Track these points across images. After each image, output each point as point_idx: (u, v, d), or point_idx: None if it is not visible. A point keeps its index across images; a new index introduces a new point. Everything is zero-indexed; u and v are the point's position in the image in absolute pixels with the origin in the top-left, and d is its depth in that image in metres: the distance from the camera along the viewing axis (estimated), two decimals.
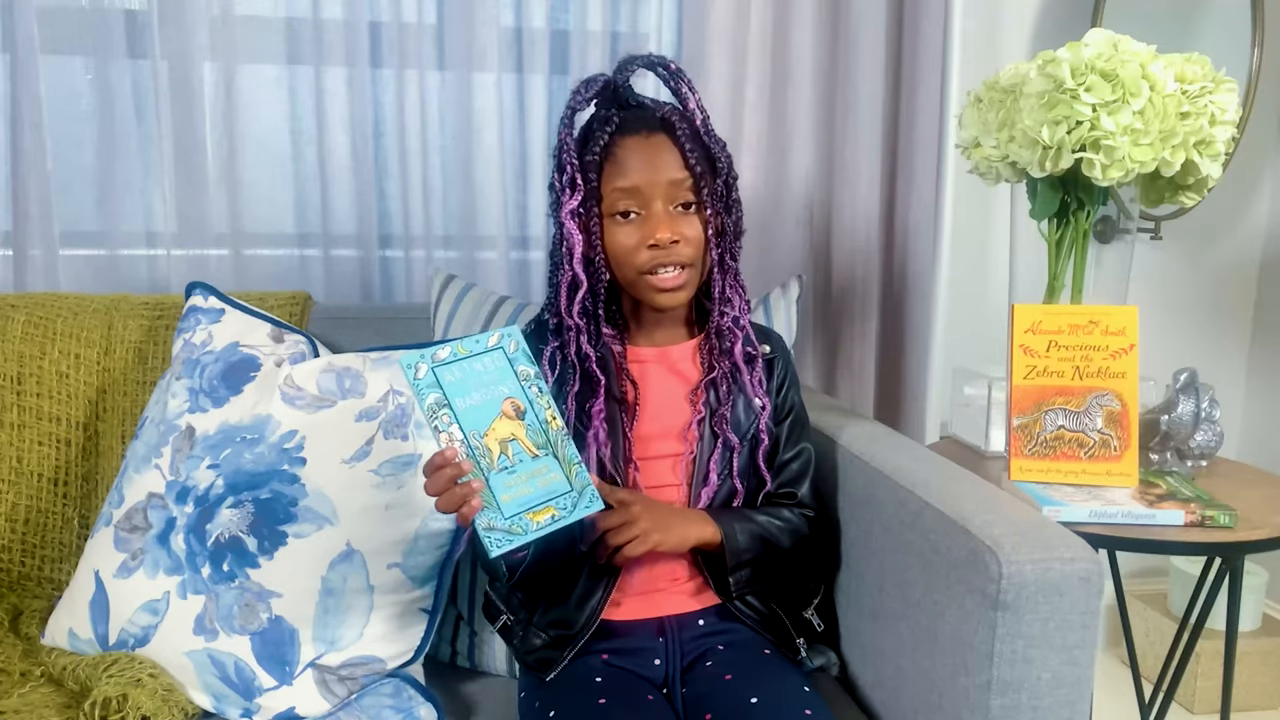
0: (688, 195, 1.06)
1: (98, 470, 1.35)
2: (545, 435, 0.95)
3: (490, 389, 0.93)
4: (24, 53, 1.49)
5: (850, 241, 1.75)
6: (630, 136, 1.05)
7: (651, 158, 1.05)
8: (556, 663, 1.06)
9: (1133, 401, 1.23)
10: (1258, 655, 1.93)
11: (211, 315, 1.29)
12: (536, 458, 0.93)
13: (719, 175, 1.08)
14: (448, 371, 0.91)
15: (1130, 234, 1.38)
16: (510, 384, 0.94)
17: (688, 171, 1.05)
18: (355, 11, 1.58)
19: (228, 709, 1.06)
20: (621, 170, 1.05)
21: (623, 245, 1.06)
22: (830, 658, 1.17)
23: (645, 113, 1.08)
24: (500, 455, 0.91)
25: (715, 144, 1.08)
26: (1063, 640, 0.87)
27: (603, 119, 1.06)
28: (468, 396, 0.91)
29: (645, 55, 1.09)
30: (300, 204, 1.65)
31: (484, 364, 0.93)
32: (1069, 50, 1.16)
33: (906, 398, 1.80)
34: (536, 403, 0.95)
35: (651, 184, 1.04)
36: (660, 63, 1.09)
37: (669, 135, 1.05)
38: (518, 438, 0.93)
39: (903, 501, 1.03)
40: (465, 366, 0.92)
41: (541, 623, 1.09)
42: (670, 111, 1.07)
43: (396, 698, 1.08)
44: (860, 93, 1.70)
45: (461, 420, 0.90)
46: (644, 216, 1.05)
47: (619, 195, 1.05)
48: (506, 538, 0.90)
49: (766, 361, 1.16)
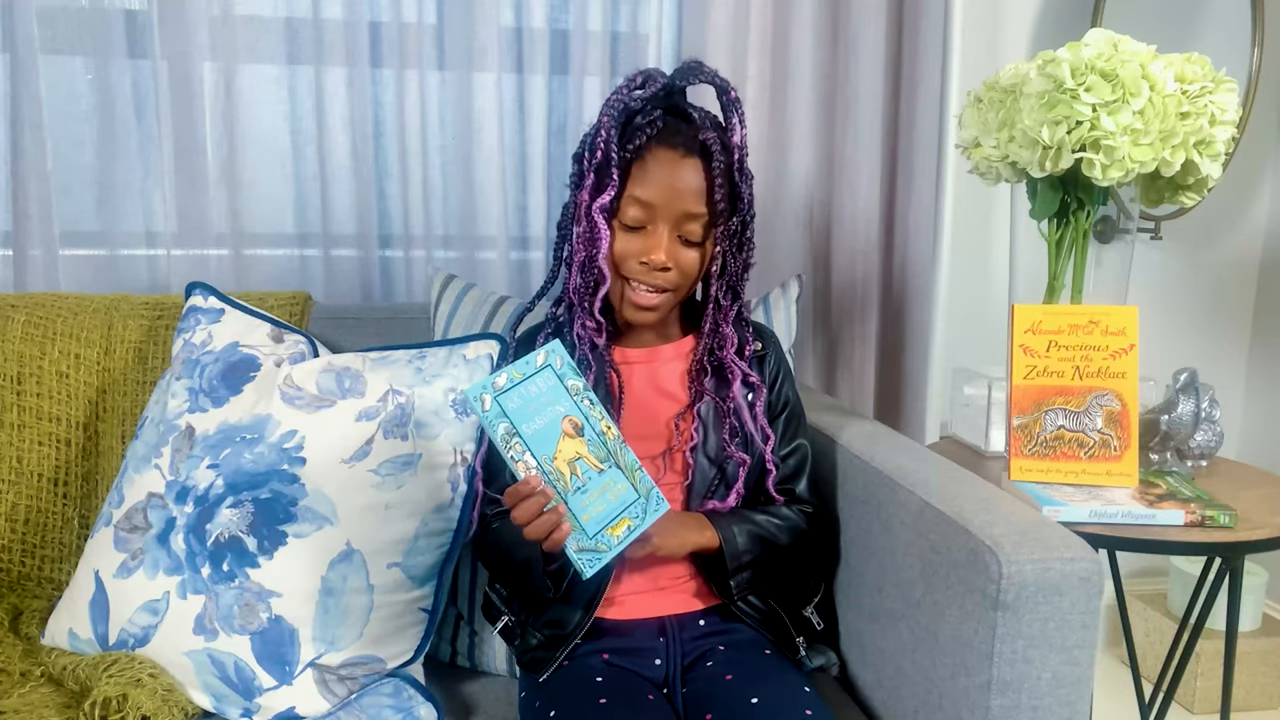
0: (697, 230, 1.05)
1: (98, 470, 1.35)
2: (605, 447, 0.95)
3: (548, 410, 0.93)
4: (24, 53, 1.49)
5: (850, 241, 1.75)
6: (665, 149, 1.03)
7: (677, 180, 1.02)
8: (549, 663, 1.06)
9: (1133, 401, 1.23)
10: (1258, 655, 1.93)
11: (211, 315, 1.29)
12: (602, 471, 0.94)
13: (738, 214, 1.06)
14: (509, 399, 0.91)
15: (1130, 234, 1.38)
16: (565, 401, 0.94)
17: (706, 208, 1.03)
18: (355, 11, 1.58)
19: (228, 709, 1.06)
20: (645, 179, 1.03)
21: (619, 250, 1.06)
22: (830, 658, 1.17)
23: (688, 129, 1.04)
24: (571, 476, 0.92)
25: (745, 183, 1.06)
26: (1063, 640, 0.87)
27: (647, 119, 1.03)
28: (531, 421, 0.91)
29: (712, 72, 1.05)
30: (300, 204, 1.65)
31: (538, 385, 0.93)
32: (1069, 50, 1.16)
33: (906, 398, 1.80)
34: (591, 416, 0.96)
35: (668, 205, 1.03)
36: (723, 86, 1.06)
37: (704, 163, 1.03)
38: (582, 455, 0.94)
39: (903, 501, 1.03)
40: (522, 391, 0.92)
41: (538, 623, 1.09)
42: (714, 140, 1.03)
43: (396, 697, 1.08)
44: (860, 93, 1.70)
45: (531, 446, 0.91)
46: (648, 231, 1.04)
47: (633, 202, 1.03)
48: (595, 557, 0.92)
49: (758, 357, 1.15)
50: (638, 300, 1.06)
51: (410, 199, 1.65)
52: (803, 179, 1.73)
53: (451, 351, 1.21)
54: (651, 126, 1.03)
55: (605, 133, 1.02)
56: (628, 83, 1.05)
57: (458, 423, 1.16)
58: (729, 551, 1.05)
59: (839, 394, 1.81)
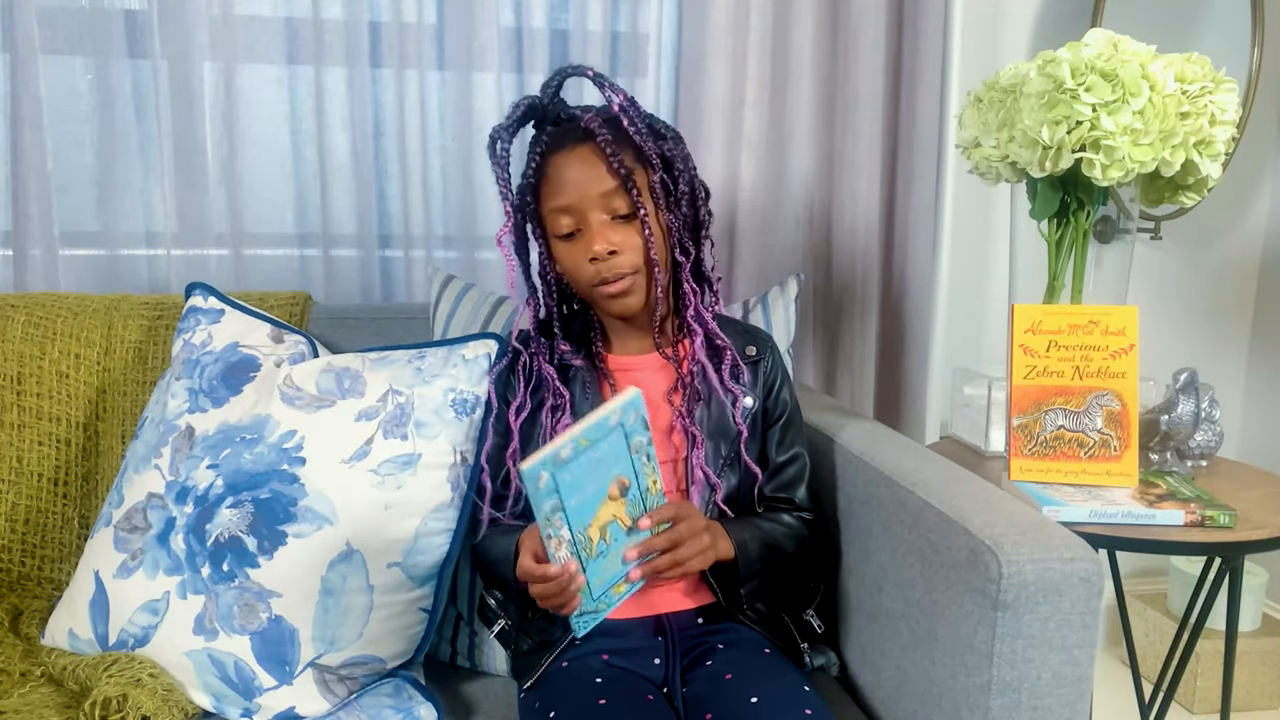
0: (622, 202, 1.05)
1: (98, 470, 1.35)
2: (642, 505, 0.92)
3: (602, 474, 0.87)
4: (24, 53, 1.49)
5: (850, 241, 1.75)
6: (558, 153, 1.05)
7: (577, 172, 1.04)
8: (535, 668, 1.06)
9: (1133, 401, 1.23)
10: (1258, 655, 1.93)
11: (211, 315, 1.29)
12: (630, 530, 0.91)
13: (656, 170, 1.06)
14: (566, 472, 0.84)
15: (1130, 234, 1.38)
16: (623, 462, 0.88)
17: (616, 179, 1.04)
18: (355, 11, 1.58)
19: (228, 709, 1.06)
20: (555, 189, 1.06)
21: (569, 263, 1.08)
22: (830, 658, 1.17)
23: (572, 125, 1.07)
24: (599, 540, 0.88)
25: (648, 140, 1.06)
26: (1063, 640, 0.87)
27: (534, 140, 1.07)
28: (581, 491, 0.85)
29: (566, 67, 1.10)
30: (300, 204, 1.65)
31: (601, 450, 0.86)
32: (1069, 50, 1.16)
33: (906, 398, 1.80)
34: (642, 473, 0.91)
35: (582, 199, 1.04)
36: (577, 72, 1.09)
37: (592, 144, 1.04)
38: (618, 517, 0.90)
39: (903, 501, 1.03)
40: (583, 460, 0.85)
41: (530, 628, 1.10)
42: (592, 119, 1.04)
43: (396, 697, 1.08)
44: (860, 93, 1.70)
45: (571, 520, 0.86)
46: (583, 232, 1.06)
47: (556, 214, 1.06)
48: (593, 617, 0.91)
49: (752, 362, 1.15)
50: (608, 292, 1.07)
51: (410, 199, 1.65)
52: (803, 179, 1.73)
53: (451, 351, 1.21)
54: (539, 143, 1.07)
55: (500, 178, 1.08)
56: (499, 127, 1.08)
57: (457, 423, 1.16)
58: (743, 560, 1.04)
59: (839, 394, 1.81)
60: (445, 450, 1.15)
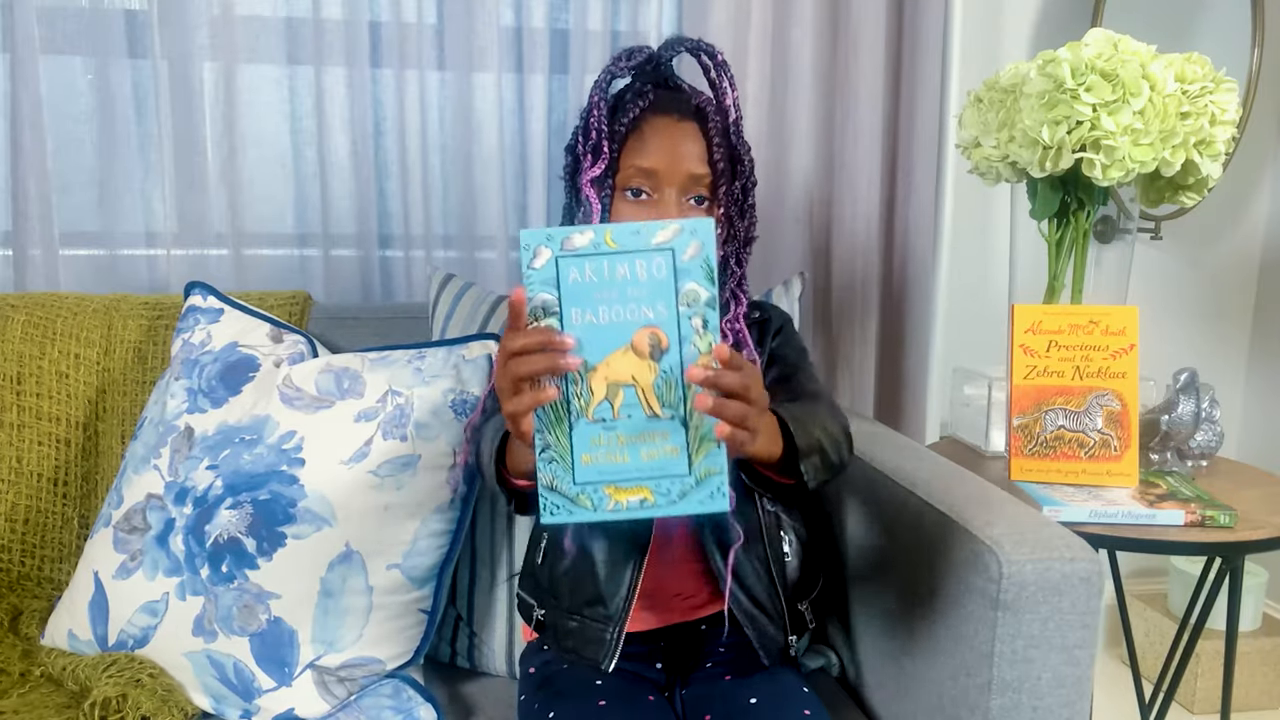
0: (703, 191, 1.03)
1: (97, 470, 1.35)
2: (682, 391, 0.70)
3: (629, 307, 0.69)
4: (24, 53, 1.49)
5: (850, 241, 1.75)
6: (661, 116, 1.02)
7: (677, 144, 1.02)
8: (608, 650, 0.99)
9: (1133, 401, 1.23)
10: (1258, 655, 1.93)
11: (210, 315, 1.29)
12: (654, 418, 0.70)
13: (739, 178, 1.06)
14: (575, 267, 0.68)
15: (1130, 234, 1.38)
16: (663, 305, 0.69)
17: (709, 168, 1.02)
18: (355, 11, 1.58)
19: (227, 710, 1.06)
20: (644, 148, 1.02)
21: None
22: (830, 658, 1.17)
23: (681, 96, 1.05)
24: (603, 401, 0.69)
25: (743, 145, 1.05)
26: (1063, 640, 0.87)
27: (638, 91, 1.03)
28: (590, 309, 0.68)
29: (694, 39, 1.05)
30: (300, 204, 1.65)
31: (634, 269, 0.68)
32: (1069, 50, 1.16)
33: (906, 398, 1.80)
34: (688, 338, 0.69)
35: (671, 170, 1.01)
36: (707, 50, 1.04)
37: (700, 126, 1.02)
38: (639, 384, 0.69)
39: (903, 501, 1.03)
40: (604, 266, 0.68)
41: (575, 604, 1.03)
42: (706, 102, 1.04)
43: (396, 698, 1.08)
44: (860, 92, 1.70)
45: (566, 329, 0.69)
46: (655, 200, 1.02)
47: (635, 173, 1.02)
48: (568, 507, 0.70)
49: (758, 323, 1.13)
50: None
51: (410, 199, 1.65)
52: (803, 178, 1.73)
53: (450, 352, 1.21)
54: (643, 98, 1.03)
55: (596, 110, 1.02)
56: (613, 61, 1.04)
57: (457, 424, 1.16)
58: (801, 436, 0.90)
59: (839, 394, 1.81)
60: (445, 451, 1.15)
